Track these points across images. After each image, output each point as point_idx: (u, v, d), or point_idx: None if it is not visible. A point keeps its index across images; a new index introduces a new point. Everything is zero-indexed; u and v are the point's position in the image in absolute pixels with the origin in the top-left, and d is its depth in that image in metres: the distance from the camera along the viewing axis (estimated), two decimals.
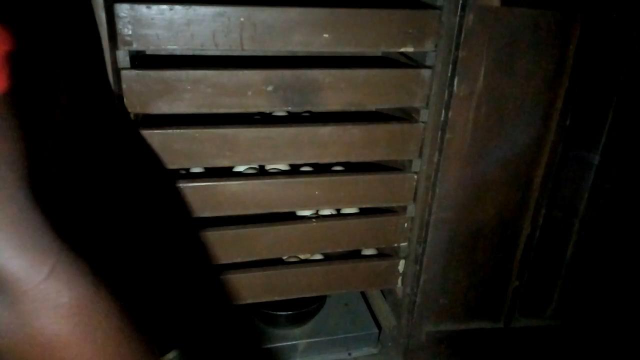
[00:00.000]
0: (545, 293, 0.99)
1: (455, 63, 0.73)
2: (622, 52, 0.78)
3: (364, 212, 0.90)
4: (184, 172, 0.85)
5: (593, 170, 0.87)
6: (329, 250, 0.89)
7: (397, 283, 0.93)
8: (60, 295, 0.32)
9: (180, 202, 0.76)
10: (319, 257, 0.94)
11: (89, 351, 0.34)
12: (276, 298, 0.87)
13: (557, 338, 1.02)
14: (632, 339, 1.00)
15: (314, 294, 0.91)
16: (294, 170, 0.88)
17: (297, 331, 0.97)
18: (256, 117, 0.89)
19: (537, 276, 0.95)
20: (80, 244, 0.34)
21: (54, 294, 0.31)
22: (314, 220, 0.85)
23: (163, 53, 0.85)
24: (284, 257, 0.93)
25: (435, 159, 0.80)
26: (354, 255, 0.96)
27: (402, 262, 0.91)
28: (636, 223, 0.93)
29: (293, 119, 0.89)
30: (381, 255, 0.95)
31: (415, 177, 0.84)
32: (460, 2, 0.69)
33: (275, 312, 0.94)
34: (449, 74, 0.74)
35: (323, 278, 0.89)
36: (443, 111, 0.76)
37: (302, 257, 0.94)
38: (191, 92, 0.70)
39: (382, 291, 1.08)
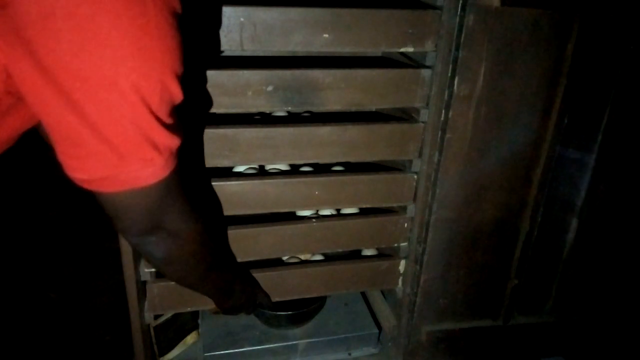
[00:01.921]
0: (543, 290, 0.99)
1: (455, 63, 0.73)
2: (619, 52, 0.79)
3: (364, 212, 0.90)
4: None
5: (590, 169, 0.87)
6: (329, 250, 0.89)
7: (397, 283, 0.93)
8: None
9: None
10: (319, 257, 0.94)
11: None
12: (277, 299, 0.87)
13: (554, 334, 1.03)
14: (629, 334, 1.01)
15: (314, 295, 0.91)
16: (294, 170, 0.88)
17: (297, 331, 0.97)
18: (256, 117, 0.89)
19: (535, 273, 0.96)
20: None
21: None
22: (314, 220, 0.85)
23: None
24: (284, 258, 0.93)
25: (435, 159, 0.80)
26: (355, 255, 0.96)
27: (402, 263, 0.91)
28: (633, 221, 0.93)
29: (293, 119, 0.89)
30: (382, 255, 0.95)
31: (415, 177, 0.84)
32: (460, 2, 0.69)
33: (275, 312, 0.93)
34: (449, 74, 0.74)
35: (323, 279, 0.88)
36: (443, 111, 0.76)
37: (303, 257, 0.94)
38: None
39: (382, 291, 1.08)
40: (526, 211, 0.88)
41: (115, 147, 0.44)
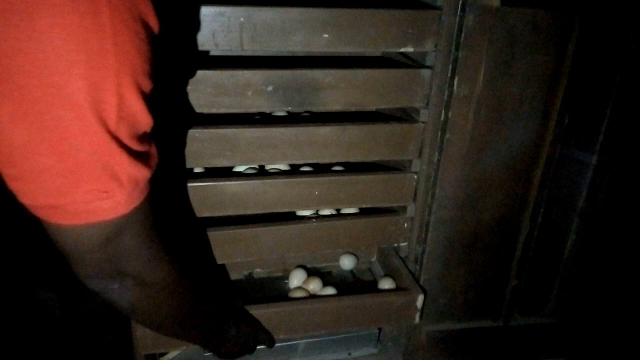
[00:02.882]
0: (543, 291, 0.99)
1: (455, 63, 0.73)
2: (620, 52, 0.79)
3: (364, 212, 0.90)
4: None
5: (591, 169, 0.87)
6: (329, 251, 0.88)
7: (415, 319, 0.86)
8: None
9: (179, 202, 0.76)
10: (331, 291, 0.88)
11: None
12: (281, 337, 0.81)
13: (555, 335, 1.02)
14: (630, 336, 1.00)
15: (323, 332, 0.86)
16: (294, 170, 0.88)
17: None
18: (256, 117, 0.89)
19: (536, 274, 0.96)
20: None
21: None
22: (314, 220, 0.85)
23: None
24: (291, 290, 0.90)
25: (435, 159, 0.80)
26: (369, 289, 0.91)
27: (420, 298, 0.84)
28: (634, 221, 0.93)
29: (293, 119, 0.89)
30: (398, 289, 0.89)
31: (415, 177, 0.84)
32: (460, 2, 0.69)
33: None
34: (449, 74, 0.74)
35: (334, 316, 0.82)
36: (443, 111, 0.76)
37: (311, 289, 0.89)
38: (191, 92, 0.70)
39: None
40: (526, 211, 0.87)
41: (61, 171, 0.37)
